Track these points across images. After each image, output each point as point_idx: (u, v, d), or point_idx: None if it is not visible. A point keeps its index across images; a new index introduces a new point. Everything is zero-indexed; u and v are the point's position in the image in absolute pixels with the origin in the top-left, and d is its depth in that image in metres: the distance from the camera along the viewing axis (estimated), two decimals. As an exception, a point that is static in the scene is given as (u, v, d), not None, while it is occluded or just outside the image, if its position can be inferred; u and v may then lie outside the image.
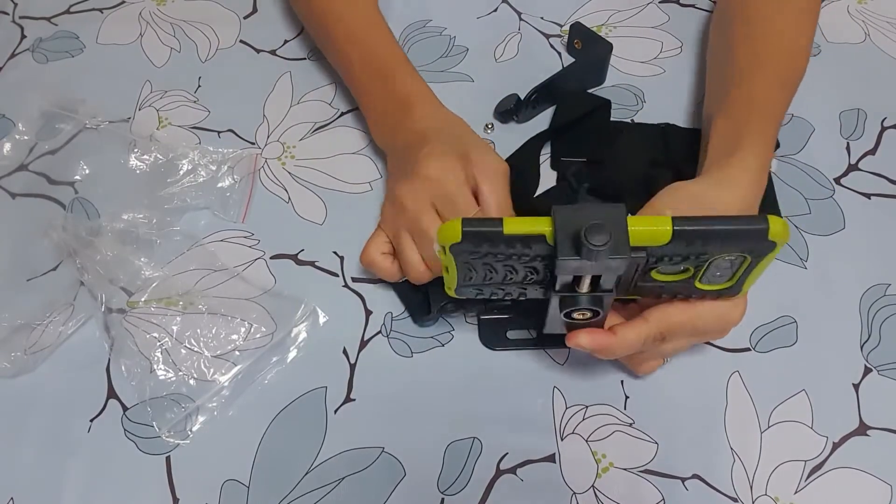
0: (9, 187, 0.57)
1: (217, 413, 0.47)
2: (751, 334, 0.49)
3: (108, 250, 0.51)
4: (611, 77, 0.61)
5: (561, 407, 0.47)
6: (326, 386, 0.48)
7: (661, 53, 0.63)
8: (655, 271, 0.37)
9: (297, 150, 0.58)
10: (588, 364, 0.48)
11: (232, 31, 0.66)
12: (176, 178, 0.55)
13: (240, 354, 0.48)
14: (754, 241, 0.34)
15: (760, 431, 0.46)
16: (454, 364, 0.49)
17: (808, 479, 0.45)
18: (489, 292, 0.41)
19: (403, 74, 0.53)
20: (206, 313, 0.50)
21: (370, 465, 0.45)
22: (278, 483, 0.45)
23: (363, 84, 0.55)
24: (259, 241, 0.54)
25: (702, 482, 0.45)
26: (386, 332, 0.50)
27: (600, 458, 0.45)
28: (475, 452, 0.46)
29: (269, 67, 0.63)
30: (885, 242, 0.53)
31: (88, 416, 0.47)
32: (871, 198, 0.55)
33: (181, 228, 0.54)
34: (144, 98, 0.61)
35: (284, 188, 0.56)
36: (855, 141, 0.58)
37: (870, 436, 0.46)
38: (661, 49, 0.63)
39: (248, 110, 0.60)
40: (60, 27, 0.66)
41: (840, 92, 0.60)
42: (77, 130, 0.59)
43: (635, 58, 0.63)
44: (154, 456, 0.46)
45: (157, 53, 0.64)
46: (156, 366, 0.48)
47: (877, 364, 0.48)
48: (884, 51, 0.63)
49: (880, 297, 0.51)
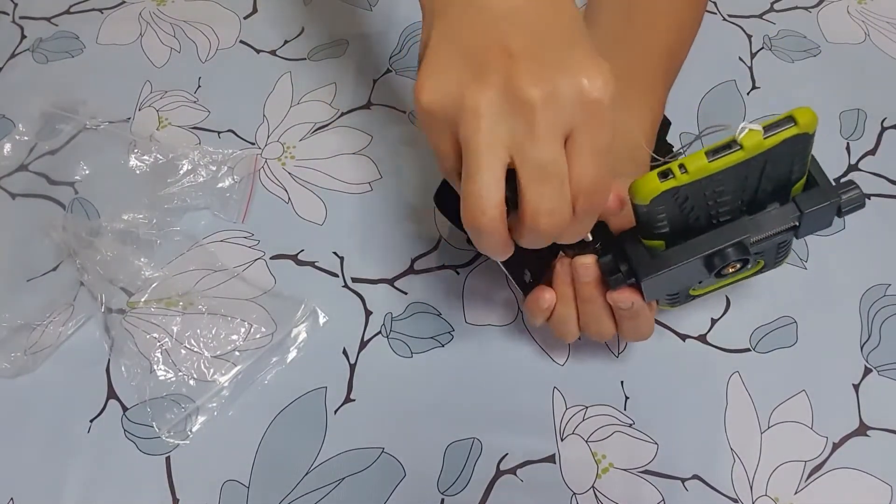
0: (9, 188, 0.57)
1: (217, 413, 0.47)
2: (751, 335, 0.49)
3: (108, 250, 0.51)
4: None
5: (561, 407, 0.47)
6: (326, 386, 0.48)
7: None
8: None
9: (297, 150, 0.58)
10: (588, 364, 0.48)
11: (232, 32, 0.66)
12: (176, 179, 0.55)
13: (240, 355, 0.48)
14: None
15: (760, 432, 0.46)
16: (454, 364, 0.49)
17: (808, 480, 0.45)
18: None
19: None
20: (206, 314, 0.50)
21: (370, 465, 0.45)
22: (278, 483, 0.45)
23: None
24: (259, 241, 0.54)
25: (702, 483, 0.45)
26: (386, 333, 0.50)
27: (600, 459, 0.45)
28: (475, 453, 0.46)
29: (269, 68, 0.63)
30: (885, 243, 0.53)
31: (88, 416, 0.47)
32: (871, 198, 0.55)
33: (181, 229, 0.54)
34: (144, 98, 0.61)
35: (284, 188, 0.56)
36: (855, 141, 0.58)
37: (870, 436, 0.46)
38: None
39: (248, 110, 0.60)
40: (60, 27, 0.66)
41: (840, 92, 0.60)
42: (77, 131, 0.59)
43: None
44: (154, 456, 0.46)
45: (158, 54, 0.64)
46: (156, 366, 0.48)
47: (877, 364, 0.48)
48: (884, 51, 0.63)
49: (880, 297, 0.51)
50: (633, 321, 0.41)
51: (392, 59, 0.64)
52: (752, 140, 0.32)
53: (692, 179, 0.32)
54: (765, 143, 0.32)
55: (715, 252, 0.36)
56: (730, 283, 0.44)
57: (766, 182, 0.35)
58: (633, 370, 0.48)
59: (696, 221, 0.36)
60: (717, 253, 0.36)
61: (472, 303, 0.51)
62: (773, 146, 0.32)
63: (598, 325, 0.42)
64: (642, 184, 0.33)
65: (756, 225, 0.36)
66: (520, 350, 0.49)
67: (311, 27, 0.66)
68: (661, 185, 0.32)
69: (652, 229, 0.36)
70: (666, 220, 0.35)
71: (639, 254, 0.37)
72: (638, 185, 0.33)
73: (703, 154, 0.32)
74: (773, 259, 0.42)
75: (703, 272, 0.37)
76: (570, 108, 0.30)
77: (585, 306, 0.41)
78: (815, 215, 0.36)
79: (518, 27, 0.31)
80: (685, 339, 0.50)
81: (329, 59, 0.64)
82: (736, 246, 0.36)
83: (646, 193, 0.33)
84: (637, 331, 0.42)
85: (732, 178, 0.33)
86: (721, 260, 0.36)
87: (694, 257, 0.36)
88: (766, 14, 0.66)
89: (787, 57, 0.63)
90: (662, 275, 0.37)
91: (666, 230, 0.36)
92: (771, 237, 0.37)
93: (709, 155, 0.32)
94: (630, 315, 0.41)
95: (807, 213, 0.36)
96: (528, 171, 0.31)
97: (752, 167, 0.33)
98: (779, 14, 0.66)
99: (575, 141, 0.31)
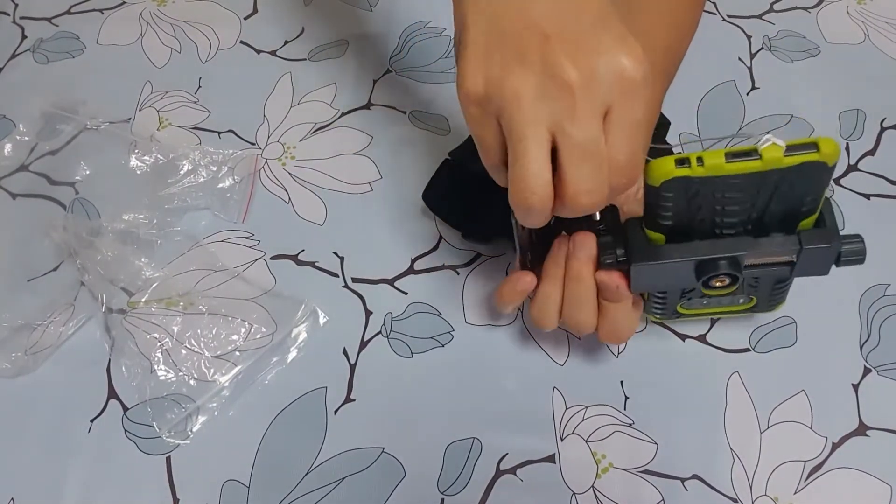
0: (9, 188, 0.57)
1: (217, 413, 0.47)
2: (750, 335, 0.49)
3: (109, 251, 0.51)
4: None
5: (561, 407, 0.47)
6: (326, 386, 0.48)
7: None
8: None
9: (298, 150, 0.58)
10: (588, 364, 0.48)
11: (232, 32, 0.66)
12: (176, 179, 0.55)
13: (240, 355, 0.49)
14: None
15: (760, 432, 0.46)
16: (454, 364, 0.49)
17: (808, 480, 0.45)
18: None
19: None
20: (206, 314, 0.50)
21: (370, 465, 0.45)
22: (279, 483, 0.45)
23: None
24: (259, 241, 0.54)
25: (701, 482, 0.45)
26: (386, 333, 0.50)
27: (600, 459, 0.45)
28: (475, 452, 0.46)
29: (270, 68, 0.63)
30: (885, 243, 0.53)
31: (89, 416, 0.47)
32: (871, 198, 0.55)
33: (182, 229, 0.54)
34: (145, 99, 0.61)
35: (285, 189, 0.56)
36: (854, 141, 0.58)
37: (869, 436, 0.46)
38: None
39: (248, 111, 0.60)
40: (61, 28, 0.67)
41: (839, 92, 0.61)
42: (77, 131, 0.59)
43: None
44: (154, 456, 0.46)
45: (158, 54, 0.64)
46: (156, 366, 0.48)
47: (876, 364, 0.48)
48: (883, 51, 0.63)
49: (880, 297, 0.51)
50: (614, 315, 0.41)
51: (392, 59, 0.64)
52: (772, 154, 0.32)
53: (706, 174, 0.33)
54: (783, 161, 0.32)
55: (708, 259, 0.36)
56: (720, 313, 0.44)
57: (776, 204, 0.35)
58: (633, 370, 0.48)
59: (700, 224, 0.36)
60: (710, 261, 0.36)
61: (472, 303, 0.51)
62: (791, 166, 0.32)
63: (579, 311, 0.42)
64: (658, 165, 0.33)
65: (755, 246, 0.36)
66: (520, 350, 0.49)
67: (311, 27, 0.66)
68: (676, 171, 0.33)
69: (657, 218, 0.36)
70: (671, 211, 0.35)
71: (638, 240, 0.38)
72: (653, 165, 0.33)
73: (723, 154, 0.32)
74: (767, 298, 0.42)
75: (692, 278, 0.38)
76: (607, 87, 0.31)
77: (573, 286, 0.41)
78: (814, 255, 0.37)
79: (550, 9, 0.32)
80: (685, 339, 0.50)
81: (329, 60, 0.64)
82: (729, 260, 0.36)
83: (659, 175, 0.33)
84: (615, 327, 0.42)
85: (744, 187, 0.34)
86: (712, 268, 0.36)
87: (687, 258, 0.36)
88: (766, 14, 0.66)
89: (787, 57, 0.63)
90: (653, 266, 0.37)
91: (669, 223, 0.36)
92: (765, 266, 0.38)
93: (728, 157, 0.32)
94: (612, 307, 0.41)
95: (806, 250, 0.36)
96: (569, 150, 0.32)
97: (766, 183, 0.33)
98: (778, 14, 0.66)
99: (612, 119, 0.32)
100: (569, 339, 0.49)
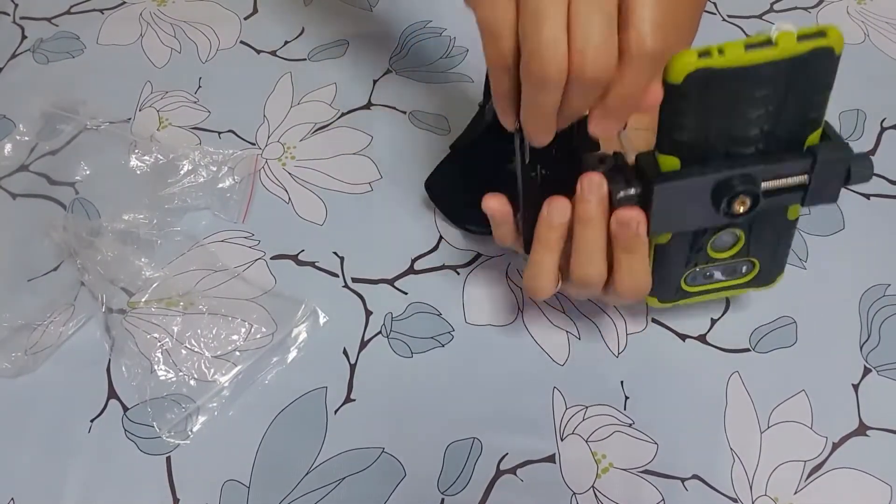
0: (9, 188, 0.57)
1: (217, 413, 0.47)
2: (750, 335, 0.49)
3: (109, 251, 0.51)
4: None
5: (561, 407, 0.47)
6: (326, 386, 0.48)
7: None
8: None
9: (298, 150, 0.58)
10: (588, 364, 0.48)
11: (232, 32, 0.66)
12: (176, 179, 0.55)
13: (240, 355, 0.49)
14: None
15: (760, 432, 0.46)
16: (454, 364, 0.49)
17: (808, 480, 0.45)
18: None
19: None
20: (206, 314, 0.50)
21: (370, 465, 0.45)
22: (279, 483, 0.45)
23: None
24: (259, 241, 0.54)
25: (701, 482, 0.45)
26: (386, 333, 0.50)
27: (600, 459, 0.45)
28: (475, 453, 0.46)
29: (270, 68, 0.63)
30: (885, 243, 0.53)
31: (89, 416, 0.47)
32: (871, 198, 0.55)
33: (182, 229, 0.54)
34: (145, 99, 0.61)
35: (285, 189, 0.56)
36: (854, 141, 0.58)
37: (869, 436, 0.46)
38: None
39: (248, 111, 0.60)
40: (61, 28, 0.67)
41: (840, 92, 0.59)
42: (78, 131, 0.59)
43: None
44: (154, 456, 0.46)
45: (158, 54, 0.64)
46: (156, 366, 0.48)
47: (876, 364, 0.48)
48: (883, 51, 0.63)
49: (880, 297, 0.51)
50: (629, 265, 0.38)
51: (392, 59, 0.64)
52: (786, 40, 0.33)
53: (728, 65, 0.33)
54: (797, 47, 0.33)
55: (727, 178, 0.36)
56: (723, 289, 0.44)
57: (791, 107, 0.35)
58: (633, 370, 0.48)
59: (715, 143, 0.36)
60: (729, 180, 0.36)
61: (473, 303, 0.51)
62: (803, 55, 0.33)
63: (589, 262, 0.38)
64: (679, 58, 0.33)
65: (770, 161, 0.37)
66: (520, 350, 0.49)
67: (311, 27, 0.66)
68: (698, 62, 0.33)
69: (673, 132, 0.35)
70: (689, 118, 0.35)
71: (652, 167, 0.37)
72: (675, 59, 0.33)
73: (742, 44, 0.33)
74: (769, 261, 0.42)
75: (711, 213, 0.37)
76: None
77: (582, 233, 0.38)
78: (827, 169, 0.37)
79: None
80: (685, 339, 0.50)
81: (329, 60, 0.64)
82: (748, 177, 0.36)
83: (681, 68, 0.33)
84: (634, 278, 0.39)
85: (761, 81, 0.34)
86: (731, 187, 0.36)
87: (708, 174, 0.36)
88: (766, 14, 0.66)
89: (787, 57, 0.63)
90: (675, 186, 0.36)
91: (685, 138, 0.36)
92: (779, 193, 0.38)
93: (746, 47, 0.33)
94: (626, 258, 0.38)
95: (820, 162, 0.36)
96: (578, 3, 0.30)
97: (779, 79, 0.34)
98: (778, 14, 0.66)
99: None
100: (569, 340, 0.49)
